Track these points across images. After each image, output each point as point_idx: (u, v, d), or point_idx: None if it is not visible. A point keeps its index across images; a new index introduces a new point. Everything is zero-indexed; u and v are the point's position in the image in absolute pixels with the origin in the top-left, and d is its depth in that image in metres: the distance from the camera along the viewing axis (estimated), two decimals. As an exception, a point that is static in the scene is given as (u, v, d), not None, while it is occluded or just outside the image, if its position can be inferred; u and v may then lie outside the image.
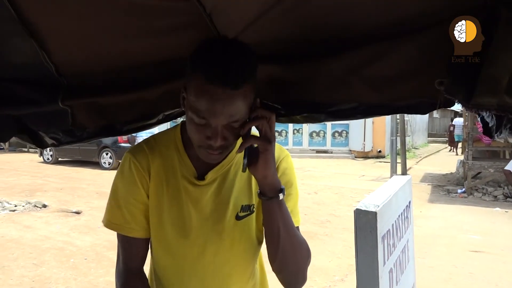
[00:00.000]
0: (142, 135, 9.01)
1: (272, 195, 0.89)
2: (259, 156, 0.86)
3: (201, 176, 0.99)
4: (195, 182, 0.99)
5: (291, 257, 0.95)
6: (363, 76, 1.02)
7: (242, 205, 1.00)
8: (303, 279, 1.00)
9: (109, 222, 1.04)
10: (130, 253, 1.05)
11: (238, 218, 0.99)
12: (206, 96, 0.80)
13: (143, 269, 1.06)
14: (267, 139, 0.85)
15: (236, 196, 1.00)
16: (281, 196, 0.89)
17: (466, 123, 9.70)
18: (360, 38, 1.00)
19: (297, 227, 1.01)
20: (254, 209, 1.01)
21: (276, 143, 0.97)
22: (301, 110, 1.18)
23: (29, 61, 1.16)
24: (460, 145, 16.69)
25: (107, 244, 5.13)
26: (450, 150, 20.41)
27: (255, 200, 1.00)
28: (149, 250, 1.09)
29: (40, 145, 1.40)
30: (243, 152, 0.88)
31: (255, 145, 0.88)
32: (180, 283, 1.02)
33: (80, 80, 1.23)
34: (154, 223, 1.01)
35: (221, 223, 0.99)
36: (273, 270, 0.98)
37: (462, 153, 9.67)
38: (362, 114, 1.11)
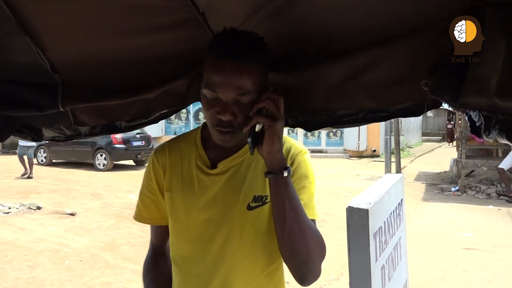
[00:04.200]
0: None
1: (276, 171, 0.91)
2: (265, 133, 0.89)
3: (214, 166, 1.05)
4: (207, 171, 1.05)
5: (299, 242, 0.92)
6: (360, 83, 1.04)
7: (255, 196, 1.01)
8: (316, 272, 0.96)
9: (134, 213, 1.19)
10: (154, 234, 1.20)
11: (249, 208, 1.01)
12: (217, 69, 0.89)
13: (166, 247, 1.19)
14: (273, 117, 0.88)
15: (249, 187, 1.02)
16: (285, 173, 0.91)
17: (459, 121, 9.76)
18: (355, 44, 1.02)
19: (313, 220, 1.00)
20: (267, 201, 1.01)
21: (297, 142, 1.09)
22: (302, 117, 1.22)
23: (24, 60, 1.17)
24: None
25: (102, 245, 5.11)
26: (449, 144, 23.70)
27: (269, 191, 0.99)
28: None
29: (39, 139, 1.43)
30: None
31: (263, 127, 0.91)
32: (190, 269, 1.05)
33: (76, 78, 1.24)
34: (169, 211, 1.09)
35: (231, 212, 1.01)
36: (283, 258, 0.97)
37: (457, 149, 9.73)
38: (361, 121, 1.15)
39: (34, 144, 9.00)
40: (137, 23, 1.09)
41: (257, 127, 0.90)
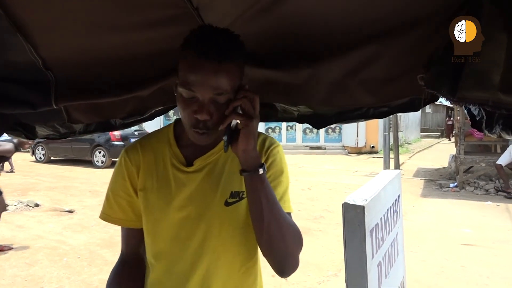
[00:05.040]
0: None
1: (252, 169, 0.91)
2: (240, 131, 0.89)
3: (190, 164, 1.04)
4: (183, 169, 1.03)
5: (278, 238, 0.94)
6: (359, 79, 1.04)
7: (232, 192, 1.01)
8: (295, 264, 0.99)
9: (101, 213, 1.12)
10: (125, 240, 1.13)
11: (227, 204, 1.01)
12: (194, 69, 0.87)
13: (137, 255, 1.13)
14: (249, 115, 0.89)
15: (226, 183, 1.02)
16: (261, 170, 0.91)
17: (458, 117, 9.76)
18: (353, 40, 1.02)
19: (289, 214, 1.02)
20: (244, 196, 1.02)
21: (270, 136, 1.08)
22: (307, 113, 1.23)
23: (16, 57, 1.16)
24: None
25: (101, 242, 5.10)
26: (449, 140, 23.98)
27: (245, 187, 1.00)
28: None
29: (33, 137, 1.42)
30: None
31: (237, 124, 0.92)
32: (168, 268, 1.03)
33: (68, 75, 1.23)
34: (144, 211, 1.05)
35: (209, 209, 1.01)
36: (263, 253, 0.98)
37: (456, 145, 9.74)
38: (364, 116, 1.17)
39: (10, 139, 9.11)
40: (130, 19, 1.08)
41: (233, 125, 0.91)
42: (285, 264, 0.98)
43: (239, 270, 1.04)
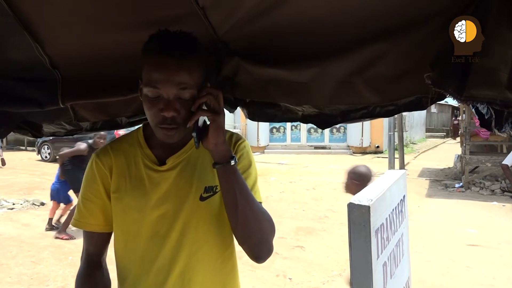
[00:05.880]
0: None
1: (224, 161, 0.96)
2: (209, 126, 0.93)
3: (163, 163, 1.06)
4: (156, 168, 1.06)
5: (253, 224, 0.99)
6: (365, 78, 1.04)
7: (206, 187, 1.05)
8: (269, 250, 1.04)
9: (73, 220, 1.12)
10: (91, 242, 1.13)
11: (202, 199, 1.05)
12: (158, 66, 0.92)
13: (103, 255, 1.15)
14: (215, 111, 0.92)
15: (199, 178, 1.05)
16: (232, 162, 0.96)
17: (463, 115, 9.71)
18: (359, 39, 1.01)
19: (260, 203, 1.06)
20: (217, 190, 1.05)
21: (235, 132, 1.10)
22: (312, 112, 1.23)
23: (24, 56, 1.17)
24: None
25: (106, 241, 5.12)
26: (455, 139, 23.72)
27: (218, 182, 1.03)
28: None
29: (39, 136, 1.43)
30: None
31: (205, 121, 0.96)
32: (148, 266, 1.04)
33: (75, 74, 1.23)
34: (119, 213, 1.06)
35: (185, 204, 1.04)
36: (238, 242, 1.02)
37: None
38: (370, 115, 1.17)
39: None
40: (136, 18, 1.08)
41: (200, 122, 0.94)
42: (260, 250, 1.03)
43: (216, 260, 1.07)
